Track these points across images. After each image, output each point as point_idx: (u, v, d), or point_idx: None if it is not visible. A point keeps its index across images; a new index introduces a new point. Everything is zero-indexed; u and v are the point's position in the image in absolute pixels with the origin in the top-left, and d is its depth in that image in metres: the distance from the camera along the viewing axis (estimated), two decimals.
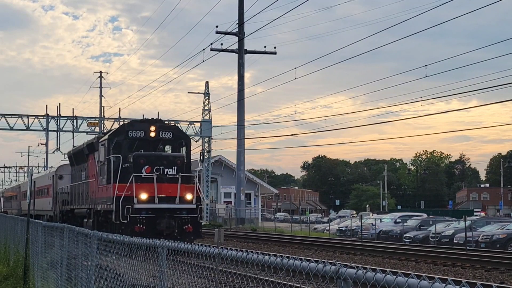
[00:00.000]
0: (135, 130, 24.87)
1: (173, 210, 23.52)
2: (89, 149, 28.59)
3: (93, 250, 8.59)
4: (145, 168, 23.43)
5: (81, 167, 31.00)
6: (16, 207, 59.09)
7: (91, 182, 27.70)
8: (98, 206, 25.37)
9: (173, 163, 23.96)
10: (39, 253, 14.37)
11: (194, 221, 23.87)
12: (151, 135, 24.98)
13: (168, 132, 25.62)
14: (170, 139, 25.54)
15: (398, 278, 3.05)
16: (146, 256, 6.61)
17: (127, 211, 22.63)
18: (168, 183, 23.72)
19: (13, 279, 16.37)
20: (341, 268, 3.49)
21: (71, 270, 10.50)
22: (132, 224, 22.59)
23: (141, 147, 24.60)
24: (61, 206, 34.54)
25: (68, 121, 53.73)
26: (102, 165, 25.03)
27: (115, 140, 24.62)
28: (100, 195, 25.37)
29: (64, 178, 35.62)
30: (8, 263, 19.56)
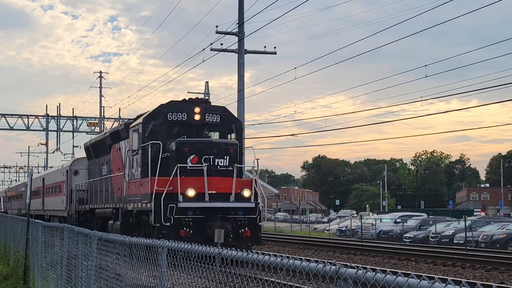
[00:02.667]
0: (175, 112, 20.54)
1: (227, 210, 19.02)
2: (112, 139, 24.78)
3: (93, 250, 8.59)
4: (191, 158, 19.22)
5: (102, 160, 27.12)
6: (17, 206, 58.55)
7: (115, 177, 23.71)
8: (128, 205, 21.07)
9: (225, 151, 19.56)
10: (39, 253, 14.37)
11: (252, 224, 19.27)
12: (195, 118, 20.67)
13: (215, 114, 21.16)
14: (218, 123, 21.23)
15: (398, 278, 3.05)
16: (146, 256, 6.61)
17: (170, 211, 18.25)
18: (220, 176, 19.33)
19: (13, 279, 16.36)
20: (341, 268, 3.49)
21: (71, 270, 10.50)
22: (176, 227, 18.21)
23: (182, 133, 20.47)
24: (76, 205, 29.78)
25: (68, 121, 53.77)
26: (135, 155, 20.85)
27: (151, 124, 20.38)
28: (131, 191, 21.18)
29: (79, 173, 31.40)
30: (8, 263, 19.56)
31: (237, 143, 20.38)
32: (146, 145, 19.69)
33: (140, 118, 21.31)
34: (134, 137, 20.60)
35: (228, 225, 18.65)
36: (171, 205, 18.28)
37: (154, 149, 19.33)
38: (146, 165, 19.60)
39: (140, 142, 20.29)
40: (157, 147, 19.26)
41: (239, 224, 19.01)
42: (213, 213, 18.66)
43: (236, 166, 19.49)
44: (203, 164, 18.96)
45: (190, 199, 18.73)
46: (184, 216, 18.42)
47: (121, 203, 22.10)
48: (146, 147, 19.64)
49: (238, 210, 19.15)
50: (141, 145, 20.13)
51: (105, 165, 26.26)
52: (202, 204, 18.76)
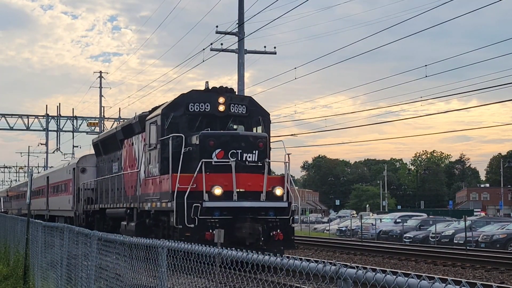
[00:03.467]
0: (197, 102, 18.69)
1: (257, 210, 17.22)
2: (125, 133, 23.09)
3: (93, 250, 8.59)
4: (216, 152, 17.45)
5: (112, 156, 25.42)
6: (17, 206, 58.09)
7: (128, 174, 22.10)
8: (145, 205, 19.28)
9: (254, 145, 17.81)
10: (39, 253, 14.37)
11: (285, 226, 17.45)
12: (219, 109, 18.80)
13: (241, 105, 19.28)
14: (243, 115, 19.30)
15: (398, 278, 3.05)
16: (146, 256, 6.61)
17: (195, 212, 16.41)
18: (248, 172, 17.58)
19: (13, 279, 16.37)
20: (341, 268, 3.49)
21: (71, 270, 10.51)
22: (201, 229, 16.42)
23: (205, 126, 18.62)
24: (84, 205, 27.93)
25: (68, 121, 53.78)
26: (152, 150, 19.04)
27: (171, 115, 18.49)
28: (148, 190, 19.37)
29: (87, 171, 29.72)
30: (8, 263, 19.56)
31: (267, 136, 18.52)
32: (166, 138, 17.86)
33: (158, 109, 19.34)
34: (152, 130, 18.80)
35: (259, 226, 16.81)
36: (196, 205, 16.44)
37: (175, 143, 17.56)
38: (166, 160, 17.81)
39: (158, 135, 18.51)
40: (178, 141, 17.54)
41: (270, 226, 17.24)
42: (241, 213, 16.91)
43: (267, 161, 17.88)
44: (230, 159, 17.25)
45: (217, 198, 16.91)
46: (210, 217, 16.58)
47: (136, 203, 20.26)
48: (166, 140, 17.80)
49: (269, 210, 17.41)
50: (160, 138, 18.36)
51: (116, 162, 24.70)
52: (230, 203, 16.93)
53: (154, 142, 18.66)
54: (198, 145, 17.58)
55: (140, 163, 20.73)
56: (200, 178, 16.89)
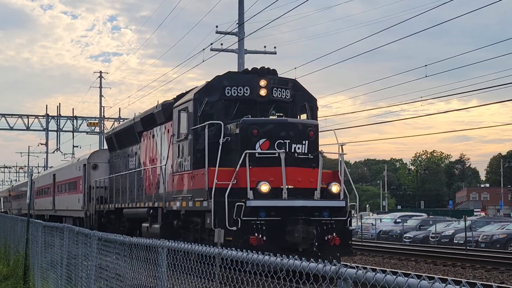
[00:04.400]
0: (235, 86, 16.30)
1: (310, 211, 14.76)
2: (144, 124, 20.80)
3: (93, 250, 8.60)
4: (260, 143, 15.06)
5: (128, 151, 23.32)
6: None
7: (148, 170, 20.07)
8: (173, 204, 16.95)
9: (304, 134, 15.41)
10: (39, 253, 14.38)
11: (341, 228, 15.03)
12: (260, 93, 16.36)
13: (285, 89, 16.83)
14: (287, 100, 16.86)
15: (398, 278, 3.05)
16: (146, 256, 6.61)
17: (238, 212, 13.96)
18: (298, 166, 15.17)
19: (13, 279, 16.38)
20: (341, 268, 3.49)
21: (71, 270, 10.51)
22: (245, 232, 14.00)
23: (244, 112, 16.13)
24: (96, 204, 25.68)
25: (68, 121, 53.79)
26: (182, 141, 16.70)
27: (204, 101, 16.10)
28: (177, 186, 17.02)
29: (99, 167, 27.39)
30: (8, 263, 19.57)
31: (317, 124, 16.16)
32: (200, 126, 15.59)
33: (189, 94, 17.06)
34: (182, 118, 16.43)
35: (313, 229, 14.35)
36: (239, 204, 13.97)
37: (212, 132, 15.31)
38: (200, 152, 15.59)
39: (190, 123, 16.17)
40: (216, 129, 15.27)
41: (325, 229, 14.77)
42: (292, 214, 14.46)
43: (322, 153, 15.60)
44: (276, 150, 14.87)
45: (263, 196, 14.42)
46: (255, 219, 14.11)
47: (161, 201, 17.91)
48: (201, 129, 15.57)
49: (324, 210, 14.95)
50: (192, 127, 16.01)
51: (133, 157, 22.65)
52: (280, 202, 14.48)
53: (185, 131, 16.37)
54: (239, 134, 15.19)
55: (164, 157, 18.52)
56: (242, 172, 14.42)
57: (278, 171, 14.63)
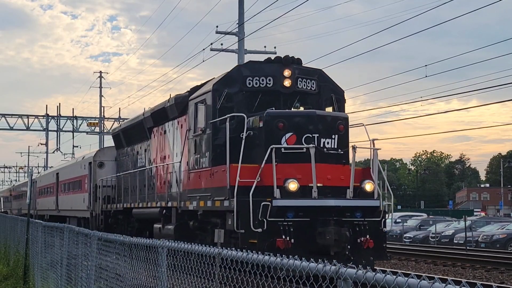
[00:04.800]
0: (257, 76, 15.21)
1: (342, 211, 13.51)
2: (155, 119, 19.72)
3: (93, 250, 8.60)
4: (286, 137, 13.97)
5: (137, 148, 22.29)
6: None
7: (160, 168, 19.06)
8: (189, 204, 15.74)
9: (333, 128, 14.33)
10: (39, 253, 14.38)
11: (375, 230, 13.73)
12: (284, 84, 15.24)
13: (310, 80, 15.68)
14: (312, 92, 15.69)
15: (398, 278, 3.05)
16: (146, 256, 6.61)
17: (263, 213, 12.70)
18: (328, 163, 14.04)
19: (13, 279, 16.38)
20: (341, 268, 3.49)
21: (71, 270, 10.51)
22: (271, 235, 12.70)
23: (266, 105, 14.97)
24: (102, 204, 24.56)
25: (68, 121, 53.80)
26: (200, 136, 15.46)
27: (224, 92, 14.99)
28: (194, 185, 15.82)
29: (105, 166, 26.26)
30: (8, 263, 19.57)
31: (348, 118, 14.95)
32: (221, 120, 14.45)
33: (207, 85, 15.91)
34: (200, 111, 15.29)
35: (346, 231, 13.07)
36: (265, 203, 12.74)
37: (234, 126, 14.18)
38: (219, 147, 14.42)
39: (209, 117, 15.03)
40: (235, 124, 14.14)
41: (357, 231, 13.48)
42: (322, 214, 13.25)
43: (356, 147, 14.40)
44: (303, 145, 13.75)
45: (291, 194, 13.23)
46: (282, 219, 12.87)
47: (175, 201, 16.85)
48: (221, 123, 14.45)
49: (356, 210, 13.73)
50: (211, 121, 14.85)
51: (142, 154, 21.60)
52: (310, 201, 13.28)
53: (203, 125, 15.18)
54: (263, 128, 14.04)
55: (178, 153, 17.46)
56: (268, 169, 13.20)
57: (306, 168, 13.47)
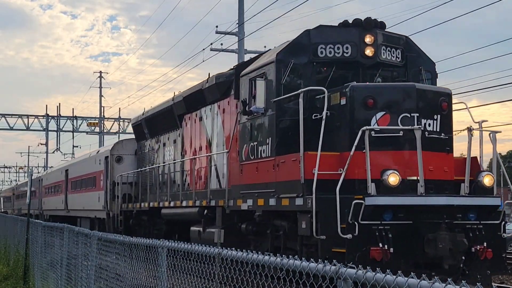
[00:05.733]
0: (331, 43, 12.22)
1: (452, 211, 10.44)
2: (188, 105, 17.27)
3: (93, 250, 8.60)
4: (378, 117, 10.92)
5: (164, 139, 19.83)
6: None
7: (196, 160, 16.47)
8: (242, 202, 13.01)
9: (435, 106, 11.28)
10: (39, 253, 14.39)
11: (492, 236, 10.67)
12: (366, 53, 12.22)
13: (395, 49, 12.66)
14: (398, 63, 12.73)
15: (398, 278, 3.05)
16: (146, 256, 6.61)
17: (355, 213, 9.77)
18: (430, 150, 10.97)
19: (13, 279, 16.38)
20: (341, 268, 3.49)
21: (71, 270, 10.51)
22: (364, 241, 9.84)
23: (342, 80, 12.07)
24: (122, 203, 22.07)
25: (68, 121, 53.78)
26: (257, 119, 12.63)
27: (290, 63, 12.04)
28: (247, 179, 13.05)
29: (124, 160, 23.69)
30: (8, 263, 19.58)
31: (451, 94, 11.89)
32: (288, 97, 11.73)
33: (269, 55, 13.10)
34: (259, 87, 12.37)
35: (463, 238, 10.10)
36: (357, 202, 9.75)
37: (308, 103, 11.51)
38: (286, 132, 11.82)
39: (271, 94, 12.12)
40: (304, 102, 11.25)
41: (471, 237, 10.39)
42: (428, 216, 10.26)
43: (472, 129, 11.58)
44: (399, 126, 10.78)
45: (391, 190, 10.24)
46: (378, 222, 9.91)
47: (221, 199, 14.12)
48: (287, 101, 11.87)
49: (469, 210, 10.69)
50: (274, 99, 11.91)
51: (170, 146, 19.11)
52: (416, 199, 10.32)
53: (262, 105, 12.26)
54: (346, 105, 11.07)
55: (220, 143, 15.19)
56: (358, 158, 10.29)
57: (403, 156, 10.83)
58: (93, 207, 26.05)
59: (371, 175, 10.17)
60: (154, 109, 21.09)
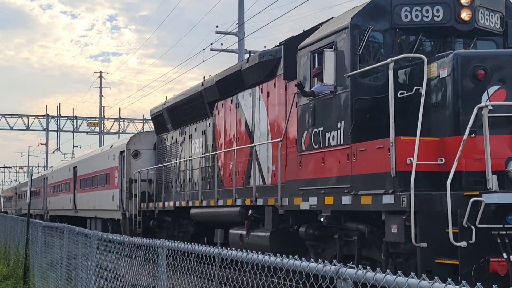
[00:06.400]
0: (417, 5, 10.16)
1: None
2: (222, 90, 15.45)
3: (93, 250, 8.60)
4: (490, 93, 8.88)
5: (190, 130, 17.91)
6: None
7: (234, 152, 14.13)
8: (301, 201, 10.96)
9: None
10: (39, 253, 14.38)
11: None
12: (462, 16, 10.11)
13: (494, 13, 10.60)
14: (497, 30, 10.66)
15: (398, 278, 3.05)
16: (146, 256, 6.61)
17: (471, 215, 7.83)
18: None
19: (13, 279, 16.38)
20: (341, 268, 3.49)
21: (71, 270, 10.51)
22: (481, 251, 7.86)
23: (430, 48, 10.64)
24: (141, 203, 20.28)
25: (68, 121, 53.77)
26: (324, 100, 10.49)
27: (368, 30, 10.02)
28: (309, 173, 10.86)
29: (141, 155, 21.84)
30: (8, 263, 19.57)
31: None
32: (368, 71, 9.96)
33: (339, 20, 10.82)
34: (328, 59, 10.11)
35: None
36: (476, 199, 7.89)
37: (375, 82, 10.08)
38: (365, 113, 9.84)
39: (343, 68, 10.06)
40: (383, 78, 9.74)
41: None
42: None
43: None
44: None
45: None
46: (500, 226, 8.01)
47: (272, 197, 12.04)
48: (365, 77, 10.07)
49: None
50: (349, 73, 9.90)
51: (199, 138, 17.15)
52: None
53: (331, 82, 10.11)
54: (450, 77, 9.03)
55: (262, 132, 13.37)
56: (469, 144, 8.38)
57: None
58: (106, 207, 24.05)
59: (494, 166, 8.18)
60: (178, 96, 18.87)
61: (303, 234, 10.89)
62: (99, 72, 59.52)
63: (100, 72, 59.64)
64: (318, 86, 10.47)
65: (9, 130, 51.88)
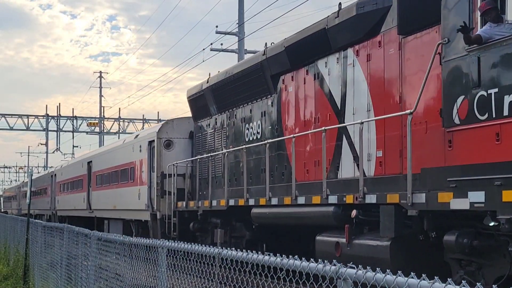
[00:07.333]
0: None
1: None
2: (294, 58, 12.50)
3: (93, 250, 8.60)
4: None
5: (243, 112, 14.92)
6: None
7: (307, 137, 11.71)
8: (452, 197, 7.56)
9: None
10: (39, 253, 14.38)
11: None
12: None
13: None
14: None
15: (398, 278, 3.05)
16: (146, 256, 6.61)
17: None
18: None
19: (13, 279, 16.38)
20: (341, 268, 3.49)
21: (71, 270, 10.51)
22: None
23: None
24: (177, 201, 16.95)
25: (68, 121, 53.75)
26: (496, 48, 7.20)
27: None
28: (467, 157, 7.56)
29: (175, 145, 18.56)
30: (8, 263, 19.58)
31: None
32: None
33: None
34: None
35: None
36: None
37: None
38: None
39: None
40: None
41: None
42: None
43: None
44: None
45: None
46: None
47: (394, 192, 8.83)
48: None
49: None
50: None
51: (255, 122, 14.24)
52: None
53: None
54: None
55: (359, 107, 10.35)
56: None
57: None
58: (130, 206, 20.62)
59: None
60: (227, 72, 15.71)
61: (453, 245, 7.67)
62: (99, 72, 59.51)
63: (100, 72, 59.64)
64: (487, 28, 7.52)
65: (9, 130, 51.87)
